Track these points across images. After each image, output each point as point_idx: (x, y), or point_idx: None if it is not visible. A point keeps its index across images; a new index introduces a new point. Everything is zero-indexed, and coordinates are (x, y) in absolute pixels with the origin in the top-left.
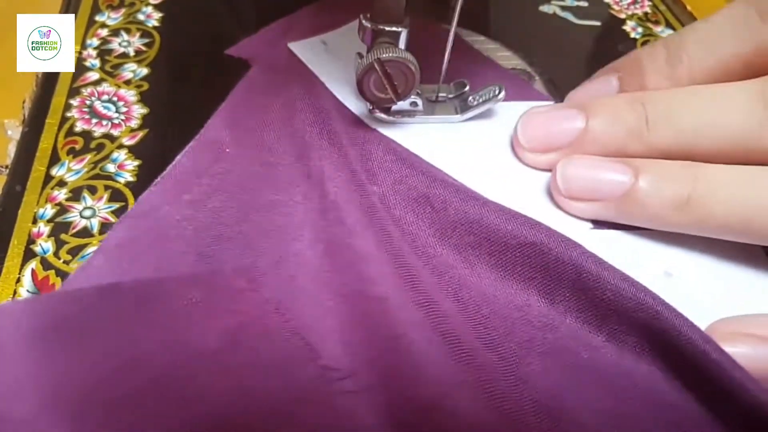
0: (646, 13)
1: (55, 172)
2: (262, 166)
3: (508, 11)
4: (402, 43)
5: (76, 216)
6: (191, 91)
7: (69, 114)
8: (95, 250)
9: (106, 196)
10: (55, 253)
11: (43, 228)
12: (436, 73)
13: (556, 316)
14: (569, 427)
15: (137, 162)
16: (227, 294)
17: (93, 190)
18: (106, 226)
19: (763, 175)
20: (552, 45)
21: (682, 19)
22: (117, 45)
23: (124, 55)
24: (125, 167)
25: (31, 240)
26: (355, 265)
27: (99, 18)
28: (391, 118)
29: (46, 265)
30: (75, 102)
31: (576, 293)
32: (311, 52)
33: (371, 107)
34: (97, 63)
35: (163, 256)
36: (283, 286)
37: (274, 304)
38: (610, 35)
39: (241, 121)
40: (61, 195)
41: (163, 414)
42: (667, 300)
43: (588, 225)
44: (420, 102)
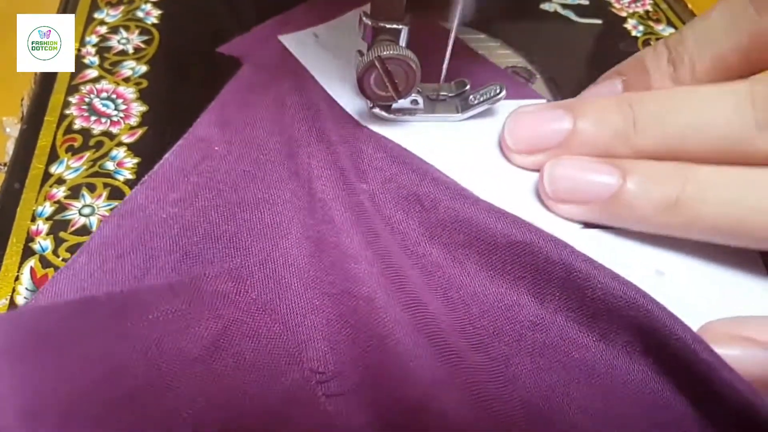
0: (647, 12)
1: (54, 169)
2: (250, 164)
3: (508, 9)
4: (403, 41)
5: (75, 214)
6: (190, 88)
7: (68, 111)
8: (80, 249)
9: (105, 194)
10: (54, 251)
11: (42, 226)
12: (434, 72)
13: (546, 316)
14: (559, 427)
15: (136, 159)
16: (211, 298)
17: (92, 188)
18: None
19: (753, 177)
20: (553, 43)
21: (683, 17)
22: (116, 42)
23: (123, 52)
24: (124, 165)
25: (29, 238)
26: (342, 264)
27: (98, 15)
28: (392, 116)
29: (45, 263)
30: (74, 99)
31: (566, 292)
32: (302, 44)
33: (371, 105)
34: (96, 60)
35: (149, 255)
36: (271, 286)
37: (261, 304)
38: (610, 33)
39: (230, 118)
40: (60, 193)
41: (144, 425)
42: (658, 299)
43: (578, 224)
44: (420, 100)
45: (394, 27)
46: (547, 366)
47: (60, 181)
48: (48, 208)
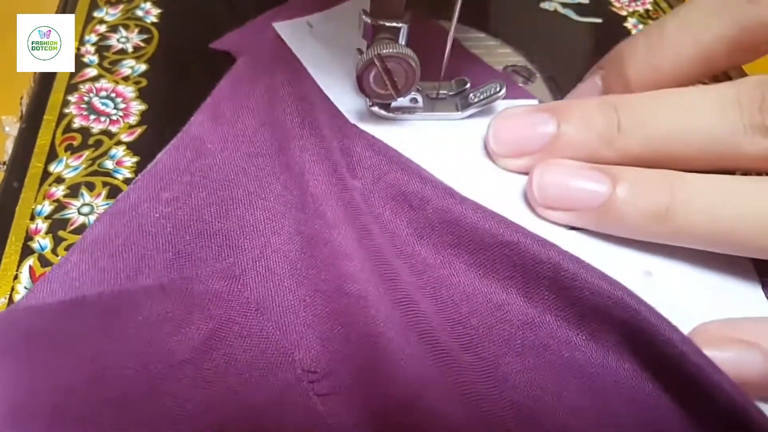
0: (648, 11)
1: (53, 168)
2: (242, 158)
3: (508, 8)
4: (402, 39)
5: (74, 212)
6: (190, 87)
7: (67, 110)
8: (72, 248)
9: (104, 193)
10: (53, 250)
11: (41, 224)
12: (431, 71)
13: (535, 315)
14: (549, 427)
15: (135, 158)
16: (203, 299)
17: (91, 187)
18: None
19: (742, 186)
20: (553, 42)
21: None
22: (115, 41)
23: (123, 51)
24: (123, 164)
25: (28, 237)
26: (334, 261)
27: (97, 14)
28: (391, 114)
29: (44, 261)
30: (73, 98)
31: (555, 292)
32: (296, 33)
33: (371, 103)
34: (95, 59)
35: (141, 255)
36: (263, 284)
37: (253, 304)
38: (611, 32)
39: (224, 113)
40: (59, 191)
41: (135, 426)
42: (646, 299)
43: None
44: (420, 99)
45: (394, 25)
46: (537, 366)
47: (59, 179)
48: (47, 207)
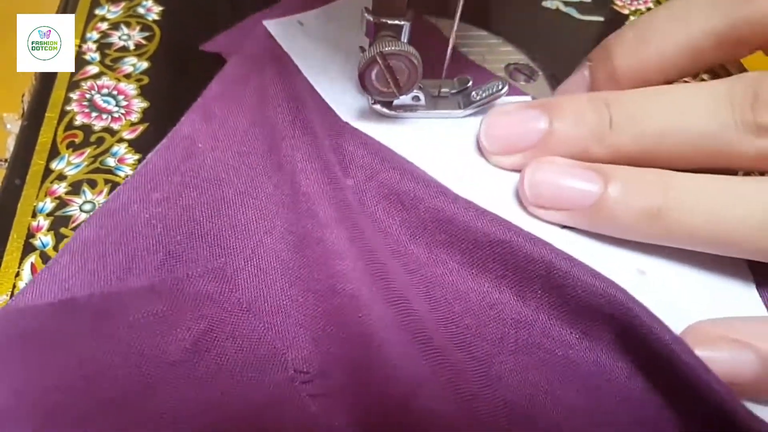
0: (649, 9)
1: (55, 165)
2: (233, 157)
3: (510, 6)
4: (405, 37)
5: (75, 210)
6: (191, 84)
7: (68, 108)
8: (62, 249)
9: (106, 190)
10: (55, 247)
11: (43, 222)
12: (426, 71)
13: (528, 314)
14: (543, 426)
15: (137, 156)
16: (194, 299)
17: (93, 184)
18: None
19: (735, 186)
20: (555, 40)
21: None
22: (117, 39)
23: (124, 48)
24: (125, 161)
25: (30, 234)
26: (326, 261)
27: (99, 12)
28: (393, 112)
29: (46, 259)
30: (75, 96)
31: (548, 291)
32: (287, 32)
33: (373, 101)
34: (96, 57)
35: (132, 256)
36: (255, 285)
37: (245, 304)
38: (613, 31)
39: (214, 112)
40: (61, 189)
41: (125, 428)
42: (639, 298)
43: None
44: (422, 97)
45: (396, 23)
46: (530, 365)
47: (61, 177)
48: (49, 204)
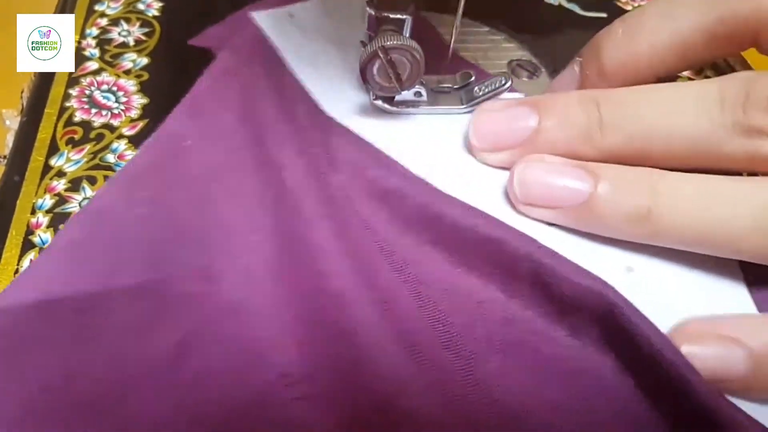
0: None
1: (54, 162)
2: (220, 153)
3: (513, 2)
4: (407, 31)
5: (75, 206)
6: (191, 80)
7: (68, 104)
8: (43, 251)
9: None
10: None
11: (42, 218)
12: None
13: (516, 311)
14: (531, 426)
15: (137, 152)
16: (178, 301)
17: (92, 181)
18: None
19: (726, 186)
20: (557, 36)
21: None
22: (116, 34)
23: (124, 44)
24: (125, 157)
25: (29, 231)
26: (311, 259)
27: (98, 7)
28: (394, 108)
29: None
30: (74, 92)
31: (535, 288)
32: (276, 24)
33: (374, 97)
34: (96, 53)
35: (115, 256)
36: (240, 285)
37: (229, 306)
38: None
39: (201, 109)
40: (60, 185)
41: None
42: (627, 296)
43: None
44: (424, 92)
45: (399, 17)
46: (518, 363)
47: (60, 173)
48: (48, 201)
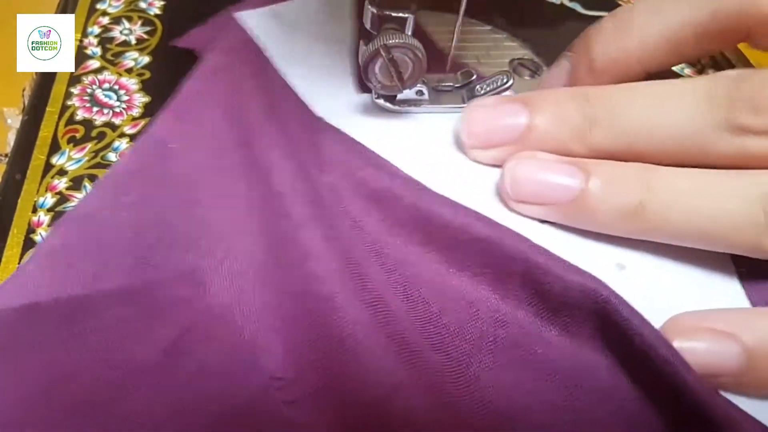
0: None
1: (56, 160)
2: (206, 156)
3: (514, 1)
4: (409, 30)
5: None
6: None
7: (69, 102)
8: (29, 257)
9: None
10: None
11: (44, 217)
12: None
13: (507, 312)
14: (524, 427)
15: None
16: (165, 304)
17: (94, 179)
18: None
19: (717, 181)
20: (559, 35)
21: None
22: (118, 33)
23: (126, 43)
24: None
25: (31, 229)
26: (301, 262)
27: (100, 6)
28: (396, 107)
29: None
30: (76, 90)
31: (526, 287)
32: (261, 24)
33: (376, 96)
34: (98, 51)
35: (101, 262)
36: (228, 288)
37: (218, 309)
38: None
39: (186, 111)
40: (62, 184)
41: None
42: (619, 292)
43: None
44: (426, 91)
45: (400, 15)
46: (510, 363)
47: (61, 172)
48: (49, 200)
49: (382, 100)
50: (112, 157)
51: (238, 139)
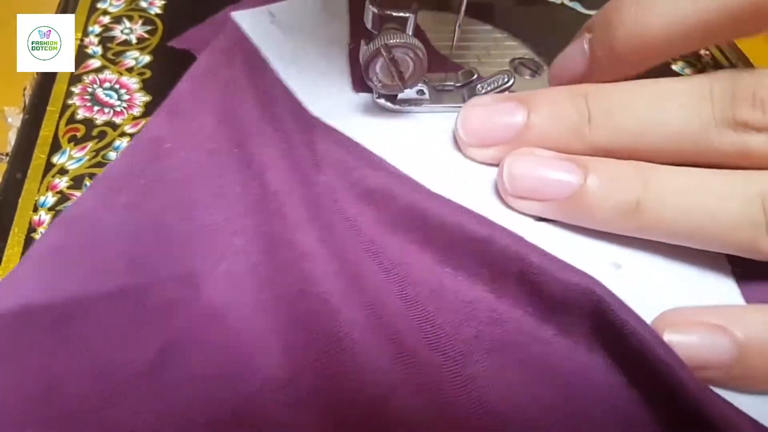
0: None
1: (56, 159)
2: (200, 155)
3: (515, 0)
4: (410, 29)
5: None
6: None
7: (70, 101)
8: (22, 259)
9: None
10: None
11: (44, 216)
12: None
13: (504, 311)
14: (520, 427)
15: None
16: (159, 306)
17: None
18: None
19: (715, 180)
20: (560, 35)
21: None
22: (119, 32)
23: (126, 42)
24: None
25: (32, 228)
26: (296, 263)
27: (101, 5)
28: (397, 106)
29: None
30: (76, 89)
31: (522, 287)
32: (256, 23)
33: (377, 95)
34: (98, 50)
35: (95, 264)
36: (223, 289)
37: (213, 311)
38: None
39: (181, 111)
40: (63, 183)
41: None
42: (615, 291)
43: (533, 217)
44: (427, 90)
45: (401, 15)
46: (506, 363)
47: (62, 171)
48: (50, 199)
49: (383, 100)
50: (113, 156)
51: (232, 139)
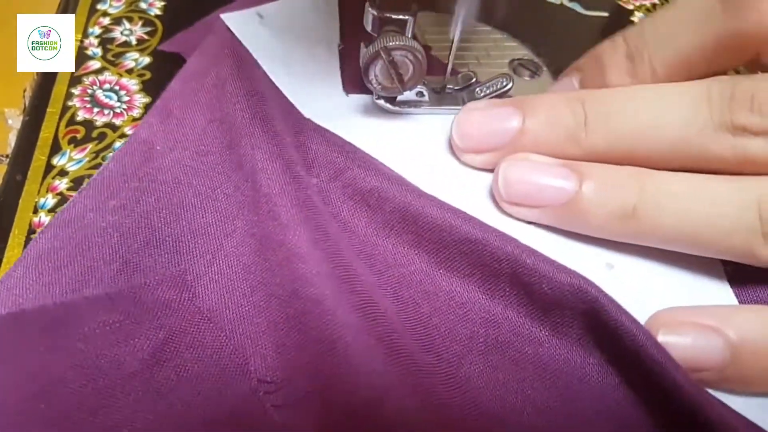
0: (654, 5)
1: (57, 161)
2: (192, 157)
3: (515, 1)
4: (409, 32)
5: None
6: None
7: (70, 103)
8: (15, 262)
9: None
10: None
11: (45, 218)
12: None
13: (497, 312)
14: (514, 428)
15: None
16: (152, 308)
17: None
18: None
19: (712, 186)
20: (559, 35)
21: None
22: (119, 34)
23: (126, 43)
24: None
25: (32, 230)
26: (289, 264)
27: (101, 6)
28: (396, 108)
29: None
30: (76, 91)
31: (516, 288)
32: (245, 25)
33: (376, 97)
34: (98, 52)
35: (87, 266)
36: (216, 291)
37: (205, 312)
38: (617, 26)
39: (172, 113)
40: (63, 184)
41: None
42: (608, 292)
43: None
44: (426, 92)
45: (401, 17)
46: (500, 364)
47: (62, 172)
48: (50, 200)
49: (382, 101)
50: None
51: (223, 141)
